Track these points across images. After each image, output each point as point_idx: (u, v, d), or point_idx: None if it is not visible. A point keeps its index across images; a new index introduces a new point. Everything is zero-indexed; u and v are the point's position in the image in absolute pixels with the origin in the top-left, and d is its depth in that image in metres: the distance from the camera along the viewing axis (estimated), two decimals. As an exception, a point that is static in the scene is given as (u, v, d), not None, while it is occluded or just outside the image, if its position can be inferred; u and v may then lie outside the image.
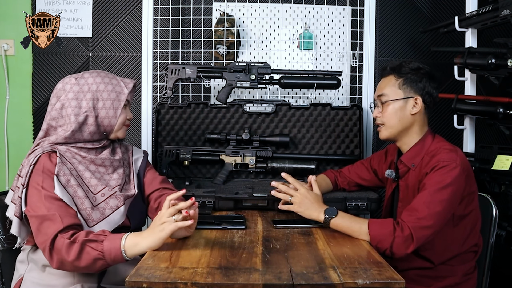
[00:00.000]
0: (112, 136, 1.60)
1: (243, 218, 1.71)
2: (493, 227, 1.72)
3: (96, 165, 1.55)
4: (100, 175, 1.54)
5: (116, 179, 1.57)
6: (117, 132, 1.60)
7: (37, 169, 1.44)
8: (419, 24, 2.71)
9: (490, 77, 2.01)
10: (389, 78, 1.69)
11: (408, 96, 1.65)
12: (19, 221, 1.43)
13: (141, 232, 1.36)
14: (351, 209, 1.91)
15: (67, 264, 1.33)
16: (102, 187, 1.51)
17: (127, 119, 1.61)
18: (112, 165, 1.58)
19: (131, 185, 1.63)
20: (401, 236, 1.44)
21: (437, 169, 1.52)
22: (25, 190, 1.42)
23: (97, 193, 1.50)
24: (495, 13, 1.96)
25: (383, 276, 1.15)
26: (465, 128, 2.29)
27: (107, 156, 1.57)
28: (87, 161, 1.53)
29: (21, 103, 2.75)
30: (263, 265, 1.22)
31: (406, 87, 1.65)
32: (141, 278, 1.12)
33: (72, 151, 1.51)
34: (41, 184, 1.40)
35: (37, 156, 1.45)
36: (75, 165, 1.50)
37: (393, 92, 1.66)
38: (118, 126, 1.59)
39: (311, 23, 2.64)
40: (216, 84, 2.63)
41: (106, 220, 1.48)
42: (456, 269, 1.61)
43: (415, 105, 1.65)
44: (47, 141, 1.53)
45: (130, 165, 1.69)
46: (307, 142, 2.36)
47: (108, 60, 2.73)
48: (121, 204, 1.52)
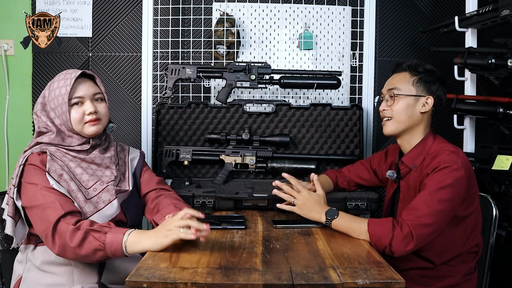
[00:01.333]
0: (83, 134, 1.56)
1: (243, 218, 1.71)
2: (493, 227, 1.72)
3: (88, 162, 1.56)
4: (92, 171, 1.55)
5: (108, 176, 1.58)
6: (81, 130, 1.55)
7: (28, 168, 1.45)
8: (419, 24, 2.71)
9: (490, 77, 2.01)
10: (403, 74, 1.68)
11: (420, 94, 1.65)
12: (13, 221, 1.44)
13: (145, 231, 1.36)
14: (351, 209, 1.91)
15: (68, 250, 1.33)
16: (94, 182, 1.52)
17: (85, 114, 1.53)
18: (103, 162, 1.59)
19: (125, 182, 1.63)
20: (400, 234, 1.44)
21: (438, 169, 1.52)
22: (16, 189, 1.43)
23: (89, 188, 1.51)
24: (495, 13, 1.96)
25: (383, 276, 1.15)
26: (465, 128, 2.29)
27: (97, 155, 1.58)
28: (78, 160, 1.54)
29: (21, 103, 2.74)
30: (263, 265, 1.22)
31: (420, 85, 1.65)
32: (141, 278, 1.12)
33: (62, 151, 1.53)
34: (34, 180, 1.42)
35: (25, 157, 1.47)
36: (66, 162, 1.51)
37: (406, 87, 1.65)
38: (76, 124, 1.53)
39: (311, 23, 2.64)
40: (216, 84, 2.63)
41: (100, 213, 1.49)
42: (457, 269, 1.61)
43: (425, 104, 1.65)
44: (35, 141, 1.55)
45: (126, 163, 1.69)
46: (307, 142, 2.36)
47: (108, 60, 2.73)
48: (113, 198, 1.53)
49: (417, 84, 1.65)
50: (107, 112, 1.60)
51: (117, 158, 1.67)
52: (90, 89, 1.56)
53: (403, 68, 1.70)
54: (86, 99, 1.54)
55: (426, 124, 1.68)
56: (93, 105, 1.55)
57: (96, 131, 1.56)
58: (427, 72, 1.67)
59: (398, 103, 1.65)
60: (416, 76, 1.66)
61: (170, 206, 1.61)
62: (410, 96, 1.65)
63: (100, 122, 1.57)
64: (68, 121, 1.52)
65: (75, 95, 1.52)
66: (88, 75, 1.59)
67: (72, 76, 1.52)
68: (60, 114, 1.52)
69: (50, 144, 1.53)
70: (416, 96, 1.65)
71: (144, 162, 1.78)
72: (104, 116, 1.59)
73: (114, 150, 1.67)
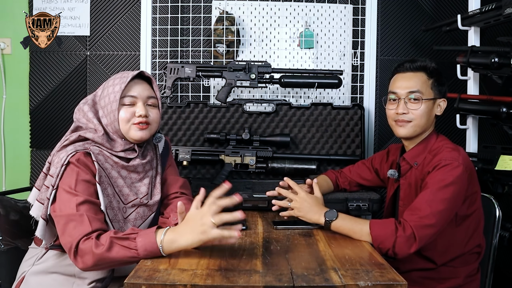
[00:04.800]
0: (128, 137, 1.48)
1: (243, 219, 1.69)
2: (496, 228, 1.71)
3: (129, 171, 1.47)
4: (131, 182, 1.48)
5: (146, 184, 1.51)
6: (127, 132, 1.46)
7: (70, 170, 1.35)
8: (421, 22, 2.71)
9: (493, 76, 2.03)
10: (420, 75, 1.65)
11: (436, 97, 1.65)
12: (45, 224, 1.37)
13: (175, 228, 1.26)
14: (352, 210, 1.90)
15: (97, 261, 1.24)
16: (133, 197, 1.45)
17: (135, 116, 1.45)
18: (144, 169, 1.51)
19: (157, 189, 1.55)
20: (403, 235, 1.43)
21: (439, 167, 1.51)
22: (54, 191, 1.34)
23: (127, 203, 1.44)
24: (498, 12, 1.96)
25: (385, 278, 1.14)
26: (467, 128, 2.28)
27: (139, 162, 1.49)
28: (119, 167, 1.45)
29: (18, 102, 2.74)
30: (263, 267, 1.21)
31: (435, 88, 1.64)
32: (139, 280, 1.10)
33: (105, 154, 1.43)
34: (73, 187, 1.32)
35: (70, 154, 1.37)
36: (108, 170, 1.42)
37: (427, 91, 1.63)
38: (123, 124, 1.45)
39: (312, 22, 2.63)
40: (216, 83, 2.62)
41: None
42: (459, 271, 1.60)
43: (439, 107, 1.66)
44: (77, 135, 1.44)
45: (156, 157, 1.59)
46: (308, 142, 2.36)
47: (106, 59, 2.73)
48: (150, 213, 1.49)
49: (434, 87, 1.64)
50: (158, 119, 1.51)
51: (154, 163, 1.58)
52: (145, 91, 1.47)
53: (418, 67, 1.66)
54: (139, 101, 1.46)
55: (434, 125, 1.69)
56: (144, 108, 1.45)
57: (142, 136, 1.46)
58: (439, 74, 1.66)
59: (421, 107, 1.62)
60: (433, 78, 1.65)
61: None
62: (430, 100, 1.63)
63: (148, 127, 1.47)
64: (115, 121, 1.43)
65: (128, 94, 1.44)
66: (145, 78, 1.51)
67: (129, 75, 1.45)
68: (109, 113, 1.44)
69: (93, 142, 1.43)
70: (434, 99, 1.64)
71: (170, 153, 1.66)
72: (154, 122, 1.49)
73: (152, 150, 1.57)
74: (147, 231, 1.25)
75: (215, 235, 1.20)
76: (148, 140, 1.55)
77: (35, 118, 2.72)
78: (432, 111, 1.64)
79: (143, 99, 1.47)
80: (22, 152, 2.75)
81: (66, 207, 1.30)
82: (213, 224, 1.20)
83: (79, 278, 1.44)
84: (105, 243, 1.22)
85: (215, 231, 1.20)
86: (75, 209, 1.29)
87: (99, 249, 1.22)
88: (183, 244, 1.23)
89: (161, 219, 1.56)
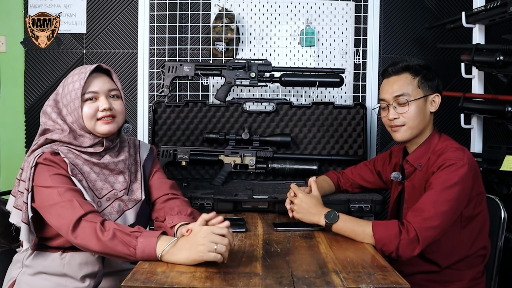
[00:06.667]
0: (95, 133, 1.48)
1: (242, 220, 1.70)
2: (501, 230, 1.70)
3: (100, 167, 1.47)
4: (105, 177, 1.48)
5: (121, 182, 1.50)
6: (93, 128, 1.46)
7: (40, 169, 1.37)
8: (425, 20, 2.70)
9: (498, 75, 2.02)
10: (404, 76, 1.65)
11: (427, 94, 1.63)
12: (28, 228, 1.36)
13: (177, 241, 1.25)
14: (354, 211, 1.89)
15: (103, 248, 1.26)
16: (108, 190, 1.45)
17: (99, 110, 1.45)
18: (116, 167, 1.50)
19: (138, 190, 1.55)
20: (406, 238, 1.42)
21: (443, 167, 1.51)
22: (30, 194, 1.36)
23: (102, 197, 1.44)
24: (503, 9, 1.96)
25: (388, 280, 1.13)
26: (472, 128, 2.28)
27: (110, 160, 1.49)
28: (91, 163, 1.46)
29: (13, 101, 2.74)
30: (263, 269, 1.21)
31: (424, 85, 1.63)
32: (137, 282, 1.10)
33: (75, 152, 1.44)
34: (49, 182, 1.34)
35: (37, 156, 1.39)
36: (80, 166, 1.43)
37: (414, 91, 1.63)
38: (88, 120, 1.44)
39: (313, 19, 2.63)
40: (215, 82, 2.62)
41: None
42: (464, 274, 1.60)
43: (432, 103, 1.65)
44: (43, 138, 1.46)
45: (137, 162, 1.61)
46: (309, 142, 2.36)
47: (103, 57, 2.73)
48: (126, 208, 1.47)
49: (422, 85, 1.63)
50: (123, 110, 1.51)
51: (130, 161, 1.58)
52: (105, 84, 1.47)
53: (400, 69, 1.66)
54: (101, 95, 1.46)
55: (432, 122, 1.68)
56: (107, 101, 1.46)
57: (109, 130, 1.46)
58: (426, 69, 1.65)
59: (411, 110, 1.62)
60: (418, 76, 1.64)
61: (182, 216, 1.50)
62: (419, 99, 1.63)
63: (114, 120, 1.48)
64: (80, 118, 1.43)
65: (88, 90, 1.44)
66: (104, 70, 1.51)
67: (87, 70, 1.45)
68: (73, 111, 1.44)
69: (61, 143, 1.44)
70: (424, 97, 1.63)
71: (155, 160, 1.68)
72: (119, 114, 1.50)
73: (128, 151, 1.58)
74: (150, 234, 1.26)
75: (212, 258, 1.19)
76: (122, 137, 1.58)
77: (31, 117, 2.73)
78: (425, 110, 1.63)
79: (104, 92, 1.47)
80: (17, 151, 2.74)
81: (49, 199, 1.33)
82: (213, 249, 1.20)
83: (70, 277, 1.43)
84: (109, 231, 1.25)
85: (212, 255, 1.19)
86: (59, 197, 1.31)
87: (104, 236, 1.24)
88: (181, 260, 1.22)
89: (156, 223, 1.55)
